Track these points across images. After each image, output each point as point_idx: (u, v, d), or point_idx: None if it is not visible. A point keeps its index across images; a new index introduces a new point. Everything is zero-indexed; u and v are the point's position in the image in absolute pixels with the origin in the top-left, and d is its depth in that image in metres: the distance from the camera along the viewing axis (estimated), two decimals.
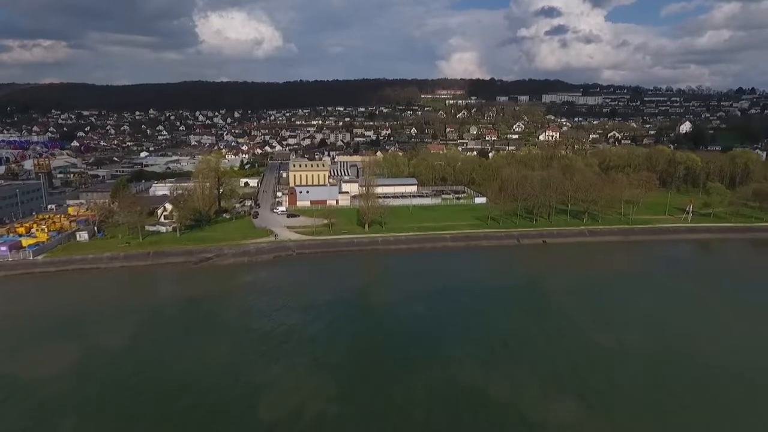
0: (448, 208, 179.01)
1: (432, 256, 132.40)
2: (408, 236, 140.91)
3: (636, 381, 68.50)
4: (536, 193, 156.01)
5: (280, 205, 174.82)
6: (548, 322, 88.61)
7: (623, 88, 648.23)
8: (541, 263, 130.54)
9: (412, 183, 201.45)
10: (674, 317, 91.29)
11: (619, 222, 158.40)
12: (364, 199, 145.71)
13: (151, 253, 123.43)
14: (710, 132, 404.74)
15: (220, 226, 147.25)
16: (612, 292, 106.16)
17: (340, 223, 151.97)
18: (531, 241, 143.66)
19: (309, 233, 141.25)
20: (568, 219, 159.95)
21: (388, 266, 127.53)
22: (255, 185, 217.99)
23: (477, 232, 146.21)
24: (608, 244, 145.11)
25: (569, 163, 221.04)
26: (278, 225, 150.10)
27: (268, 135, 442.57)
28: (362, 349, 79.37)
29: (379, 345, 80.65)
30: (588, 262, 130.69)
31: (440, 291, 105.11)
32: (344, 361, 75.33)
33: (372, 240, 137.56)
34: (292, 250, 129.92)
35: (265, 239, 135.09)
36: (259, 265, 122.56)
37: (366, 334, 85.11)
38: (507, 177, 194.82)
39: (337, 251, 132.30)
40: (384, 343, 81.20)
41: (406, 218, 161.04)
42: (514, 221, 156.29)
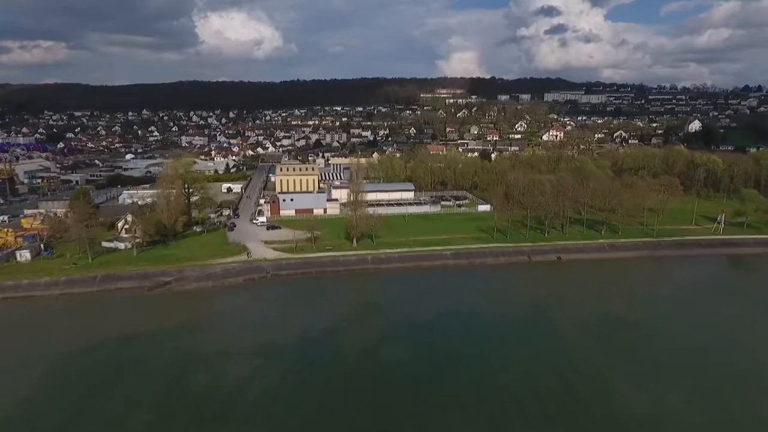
0: (448, 217, 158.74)
1: (429, 277, 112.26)
2: (402, 253, 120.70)
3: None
4: (548, 202, 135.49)
5: (261, 214, 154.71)
6: (567, 374, 68.83)
7: (627, 86, 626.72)
8: (557, 287, 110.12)
9: (408, 189, 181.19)
10: (729, 364, 71.45)
11: (642, 234, 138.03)
12: (352, 209, 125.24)
13: (98, 278, 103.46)
14: (720, 131, 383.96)
15: (188, 242, 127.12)
16: (644, 326, 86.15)
17: (326, 237, 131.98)
18: (543, 257, 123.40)
19: (288, 250, 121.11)
20: (583, 230, 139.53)
21: (377, 291, 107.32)
22: (239, 191, 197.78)
23: (481, 247, 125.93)
24: (632, 261, 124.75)
25: (580, 166, 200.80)
26: (255, 239, 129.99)
27: (262, 136, 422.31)
28: (333, 413, 59.78)
29: (355, 406, 60.99)
30: (611, 284, 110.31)
31: (435, 325, 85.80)
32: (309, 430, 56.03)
33: (360, 258, 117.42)
34: (266, 272, 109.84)
35: (236, 258, 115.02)
36: (226, 290, 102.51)
37: (340, 390, 65.25)
38: (513, 181, 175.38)
39: (319, 272, 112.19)
40: (362, 403, 61.62)
41: (400, 230, 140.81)
42: (523, 233, 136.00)
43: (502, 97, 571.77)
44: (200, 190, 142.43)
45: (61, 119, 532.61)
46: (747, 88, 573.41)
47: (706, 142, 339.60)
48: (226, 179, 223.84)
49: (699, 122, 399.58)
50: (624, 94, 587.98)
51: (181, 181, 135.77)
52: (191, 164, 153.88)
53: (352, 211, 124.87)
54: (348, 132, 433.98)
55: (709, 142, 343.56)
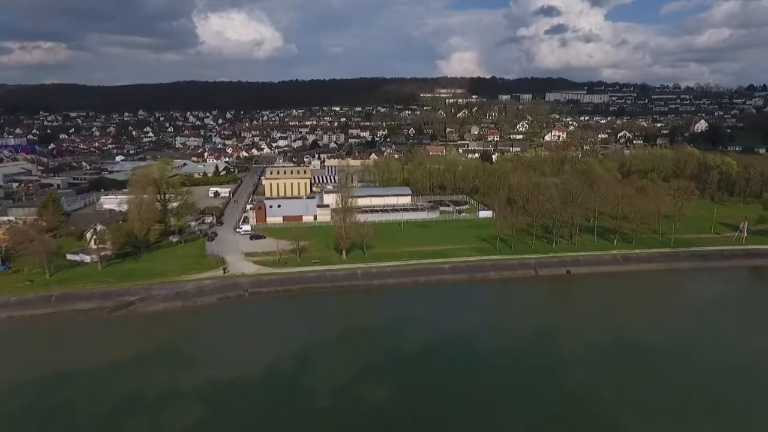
0: (447, 224, 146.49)
1: (425, 294, 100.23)
2: (396, 267, 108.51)
3: None
4: (556, 209, 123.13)
5: (246, 222, 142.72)
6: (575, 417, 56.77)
7: (629, 85, 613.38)
8: (566, 306, 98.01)
9: (405, 193, 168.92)
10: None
11: (658, 244, 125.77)
12: (340, 218, 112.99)
13: (53, 297, 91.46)
14: (727, 131, 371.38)
15: (161, 254, 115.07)
16: (665, 355, 74.23)
17: (314, 247, 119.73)
18: (551, 271, 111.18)
19: (271, 263, 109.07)
20: (594, 240, 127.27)
21: (366, 312, 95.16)
22: (227, 195, 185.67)
23: (483, 259, 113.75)
24: (648, 274, 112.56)
25: (586, 169, 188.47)
26: (236, 251, 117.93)
27: (258, 136, 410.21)
28: None
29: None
30: (626, 302, 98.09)
31: (427, 357, 73.95)
32: None
33: (349, 273, 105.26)
34: (244, 289, 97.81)
35: (212, 273, 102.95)
36: (196, 312, 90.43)
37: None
38: (516, 185, 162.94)
39: (303, 289, 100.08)
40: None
41: (395, 239, 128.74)
42: (529, 243, 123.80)
43: (502, 96, 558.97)
44: (177, 196, 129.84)
45: (56, 120, 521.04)
46: (752, 87, 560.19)
47: (713, 143, 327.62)
48: (215, 182, 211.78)
49: (705, 122, 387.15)
50: (627, 93, 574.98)
51: (155, 186, 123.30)
52: (167, 167, 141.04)
53: (340, 219, 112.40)
54: (346, 132, 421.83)
55: (716, 142, 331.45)
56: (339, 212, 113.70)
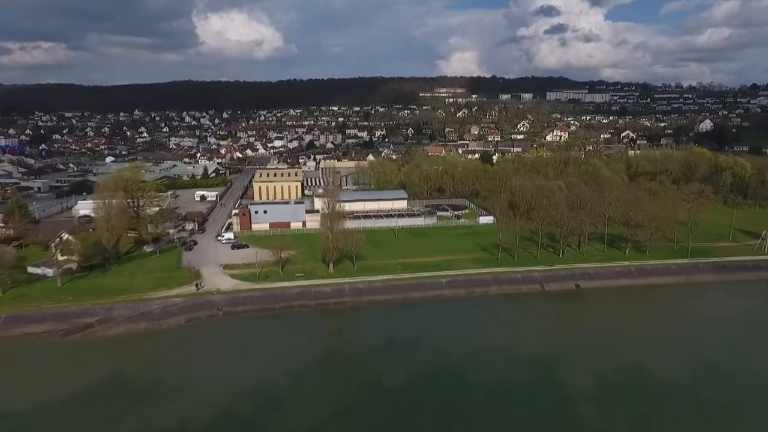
0: (445, 232, 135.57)
1: (419, 313, 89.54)
2: (387, 281, 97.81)
3: None
4: (563, 216, 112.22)
5: (230, 230, 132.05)
6: None
7: (631, 84, 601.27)
8: (576, 328, 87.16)
9: (400, 197, 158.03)
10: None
11: (673, 253, 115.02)
12: (326, 227, 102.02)
13: (1, 319, 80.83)
14: (732, 130, 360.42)
15: (131, 267, 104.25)
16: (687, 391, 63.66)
17: (300, 258, 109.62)
18: (559, 286, 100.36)
19: (250, 278, 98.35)
20: (604, 249, 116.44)
21: (352, 334, 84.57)
22: (214, 198, 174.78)
23: (483, 272, 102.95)
24: (665, 289, 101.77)
25: (592, 171, 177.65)
26: (214, 263, 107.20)
27: (254, 137, 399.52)
28: None
29: None
30: (643, 324, 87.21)
31: (417, 389, 63.85)
32: None
33: (336, 289, 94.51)
34: (217, 308, 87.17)
35: (183, 290, 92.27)
36: (160, 336, 79.78)
37: None
38: (518, 189, 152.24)
39: (284, 308, 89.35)
40: None
41: (388, 249, 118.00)
42: (533, 253, 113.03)
43: (503, 96, 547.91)
44: (151, 202, 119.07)
45: (50, 120, 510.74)
46: (755, 86, 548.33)
47: (718, 143, 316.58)
48: (203, 185, 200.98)
49: (710, 122, 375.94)
50: (628, 92, 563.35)
51: (126, 191, 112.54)
52: (139, 171, 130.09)
53: (325, 230, 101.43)
54: (344, 133, 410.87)
55: (722, 142, 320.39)
56: (324, 220, 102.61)
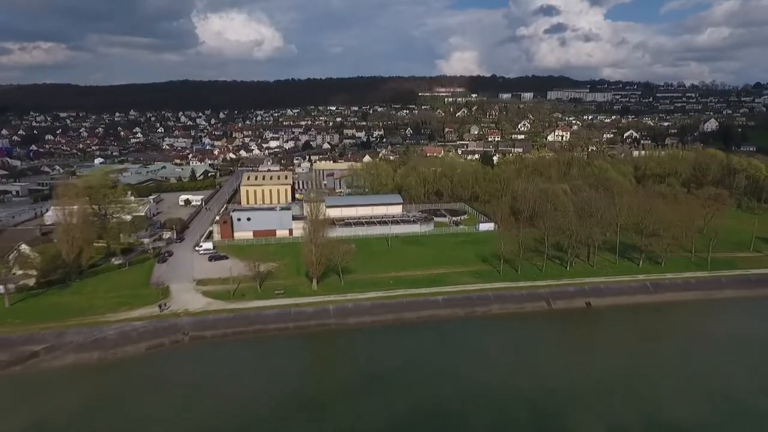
0: (443, 240, 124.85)
1: (411, 337, 78.97)
2: (377, 299, 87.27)
3: None
4: (572, 225, 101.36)
5: (211, 238, 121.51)
6: None
7: (633, 83, 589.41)
8: (587, 355, 76.36)
9: (395, 202, 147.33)
10: None
11: (692, 265, 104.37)
12: (308, 238, 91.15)
13: None
14: (738, 130, 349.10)
15: (95, 283, 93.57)
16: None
17: (283, 271, 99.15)
18: (568, 303, 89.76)
19: (224, 295, 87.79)
20: (615, 260, 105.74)
21: (334, 364, 73.81)
22: (199, 203, 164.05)
23: (483, 288, 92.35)
24: (685, 306, 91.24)
25: (599, 173, 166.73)
26: (187, 277, 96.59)
27: (250, 137, 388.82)
28: None
29: None
30: (665, 350, 76.65)
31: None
32: None
33: (319, 309, 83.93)
34: (183, 332, 76.68)
35: (147, 310, 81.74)
36: (115, 366, 69.26)
37: None
38: (521, 193, 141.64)
39: (259, 331, 78.81)
40: None
41: (380, 260, 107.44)
42: (539, 265, 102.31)
43: (503, 95, 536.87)
44: (121, 209, 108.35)
45: (45, 120, 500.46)
46: (759, 85, 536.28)
47: (725, 142, 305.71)
48: (190, 188, 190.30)
49: (715, 121, 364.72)
50: (630, 91, 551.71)
51: (89, 198, 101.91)
52: (106, 176, 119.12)
53: (309, 239, 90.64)
54: (341, 133, 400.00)
55: (728, 142, 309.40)
56: (308, 230, 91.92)
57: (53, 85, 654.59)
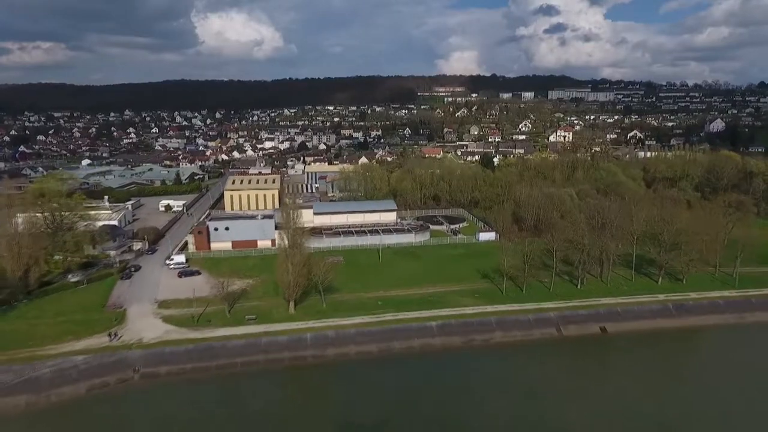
0: (440, 251, 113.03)
1: (399, 372, 67.53)
2: (363, 326, 75.58)
3: None
4: (584, 239, 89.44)
5: (184, 251, 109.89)
6: None
7: (635, 83, 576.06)
8: (607, 394, 64.44)
9: (389, 208, 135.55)
10: None
11: (717, 282, 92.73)
12: (284, 255, 79.24)
13: None
14: (745, 130, 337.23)
15: (42, 305, 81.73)
16: None
17: (258, 290, 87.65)
18: (580, 329, 78.14)
19: (187, 321, 76.08)
20: (631, 276, 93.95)
21: (301, 412, 61.72)
22: (180, 208, 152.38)
23: (485, 311, 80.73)
24: (713, 332, 79.76)
25: (607, 177, 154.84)
26: (150, 298, 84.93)
27: (245, 137, 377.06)
28: None
29: None
30: (695, 390, 65.09)
31: None
32: None
33: (295, 338, 72.27)
34: (133, 369, 65.13)
35: (95, 341, 70.13)
36: (47, 414, 57.77)
37: None
38: (524, 199, 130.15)
39: (223, 367, 67.18)
40: None
41: (370, 276, 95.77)
42: (546, 283, 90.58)
43: (503, 95, 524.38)
44: (76, 219, 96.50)
45: (39, 120, 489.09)
46: (763, 84, 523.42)
47: (732, 143, 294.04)
48: (175, 192, 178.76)
49: (722, 121, 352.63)
50: (633, 91, 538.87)
51: (40, 208, 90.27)
52: (62, 182, 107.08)
53: (285, 256, 78.84)
54: (338, 133, 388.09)
55: (735, 143, 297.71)
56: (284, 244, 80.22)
57: (48, 84, 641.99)
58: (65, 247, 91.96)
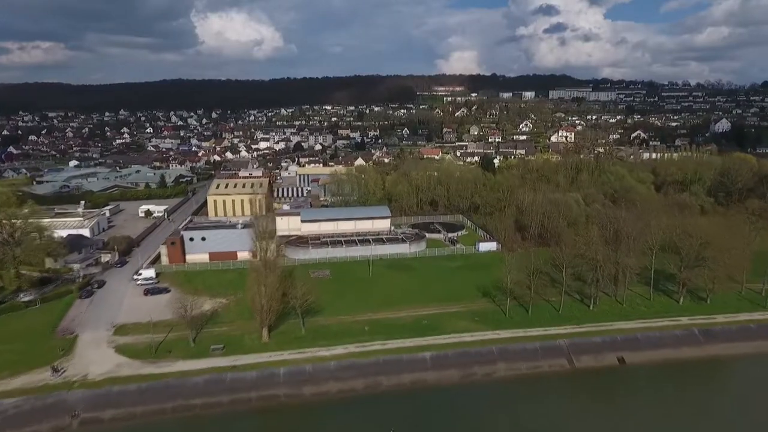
0: (436, 264, 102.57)
1: (387, 416, 56.98)
2: (345, 357, 65.32)
3: None
4: (597, 254, 78.98)
5: (156, 264, 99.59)
6: None
7: (636, 83, 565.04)
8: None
9: (382, 215, 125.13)
10: None
11: (743, 302, 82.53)
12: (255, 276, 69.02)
13: None
14: (752, 130, 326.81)
15: None
16: None
17: (231, 312, 77.48)
18: (595, 359, 67.90)
19: (144, 352, 65.78)
20: (650, 296, 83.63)
21: None
22: (161, 214, 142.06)
23: (486, 339, 70.49)
24: (747, 363, 69.45)
25: (615, 181, 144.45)
26: (107, 322, 74.59)
27: (240, 138, 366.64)
28: None
29: None
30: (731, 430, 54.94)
31: None
32: None
33: (266, 373, 61.98)
34: (72, 414, 54.94)
35: (35, 377, 59.91)
36: None
37: None
38: (528, 205, 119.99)
39: (179, 410, 56.93)
40: None
41: (357, 294, 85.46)
42: (554, 303, 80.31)
43: (504, 94, 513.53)
44: (31, 231, 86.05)
45: (32, 120, 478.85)
46: (767, 84, 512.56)
47: (739, 144, 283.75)
48: (159, 196, 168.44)
49: (727, 121, 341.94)
50: (635, 91, 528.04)
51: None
52: (10, 190, 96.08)
53: (256, 277, 68.57)
54: (335, 133, 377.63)
55: (742, 143, 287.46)
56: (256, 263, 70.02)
57: (44, 84, 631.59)
58: (16, 262, 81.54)
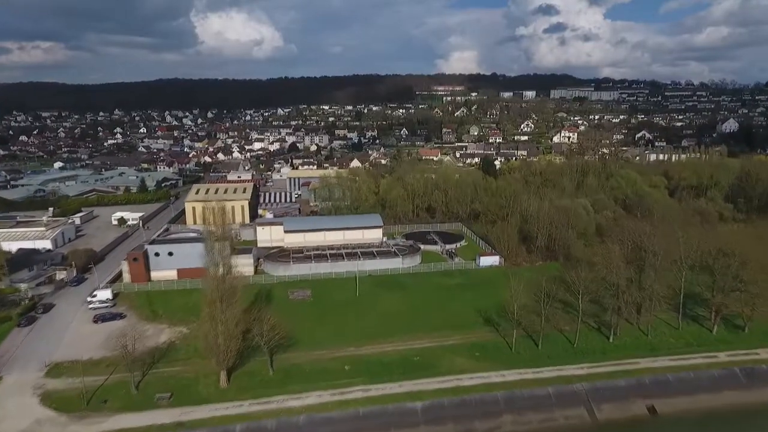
0: (432, 281, 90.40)
1: None
2: (318, 408, 53.29)
3: None
4: (618, 277, 66.83)
5: (117, 282, 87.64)
6: None
7: (639, 82, 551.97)
8: None
9: (374, 224, 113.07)
10: None
11: None
12: (210, 310, 57.03)
13: None
14: (760, 130, 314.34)
15: None
16: None
17: (189, 347, 65.57)
18: (619, 409, 55.90)
19: (73, 402, 53.78)
20: (678, 324, 71.53)
21: None
22: (136, 222, 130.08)
23: (489, 382, 58.41)
24: None
25: (629, 186, 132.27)
26: (39, 358, 62.58)
27: (234, 138, 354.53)
28: None
29: None
30: None
31: None
32: None
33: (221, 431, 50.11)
34: None
35: None
36: None
37: None
38: (533, 213, 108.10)
39: None
40: None
41: (339, 320, 73.35)
42: (568, 333, 68.25)
43: (504, 94, 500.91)
44: None
45: (26, 120, 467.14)
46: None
47: (747, 144, 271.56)
48: (138, 201, 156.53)
49: (735, 122, 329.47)
50: (637, 90, 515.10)
51: None
52: None
53: (211, 311, 56.57)
54: (332, 134, 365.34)
55: (751, 144, 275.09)
56: (209, 296, 57.97)
57: (40, 83, 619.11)
58: None
